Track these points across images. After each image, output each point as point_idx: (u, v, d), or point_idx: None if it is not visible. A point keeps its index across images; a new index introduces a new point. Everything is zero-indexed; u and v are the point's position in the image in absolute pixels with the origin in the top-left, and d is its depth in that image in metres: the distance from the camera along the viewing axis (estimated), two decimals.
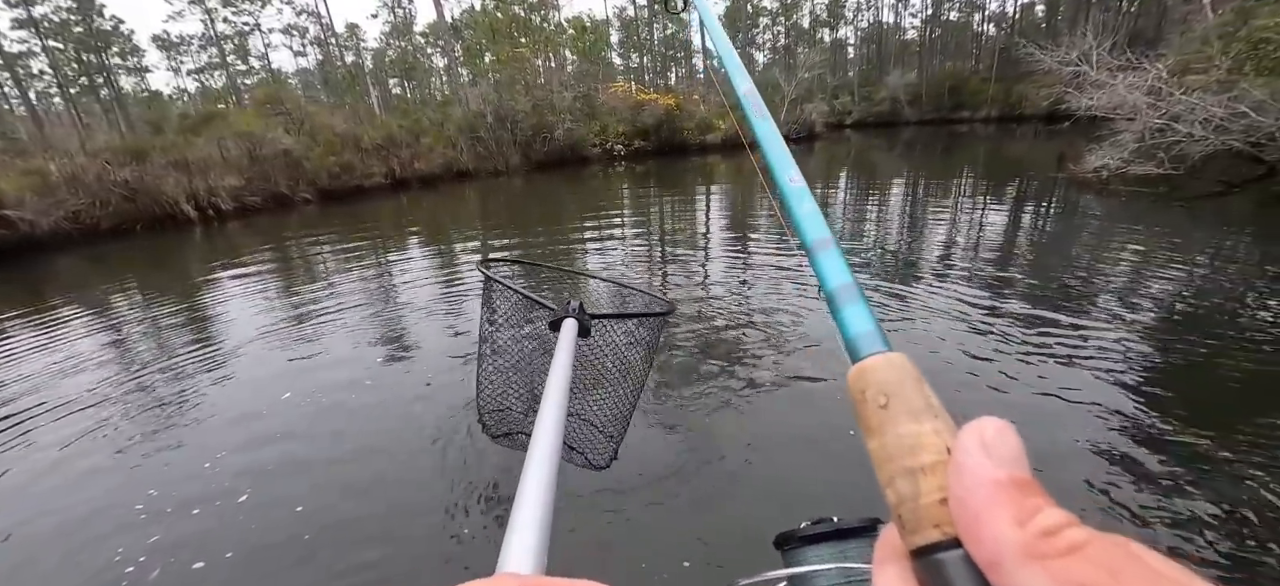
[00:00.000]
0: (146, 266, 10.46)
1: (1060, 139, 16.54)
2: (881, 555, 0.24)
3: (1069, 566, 0.17)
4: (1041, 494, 0.20)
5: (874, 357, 0.27)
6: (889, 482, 0.23)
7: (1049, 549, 0.18)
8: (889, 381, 0.25)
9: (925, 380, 0.26)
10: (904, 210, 10.28)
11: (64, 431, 4.00)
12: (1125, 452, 2.93)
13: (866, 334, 0.29)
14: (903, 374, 0.26)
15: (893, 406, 0.25)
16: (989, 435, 0.21)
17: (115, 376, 4.95)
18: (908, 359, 0.27)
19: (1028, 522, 0.19)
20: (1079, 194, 10.07)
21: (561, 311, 0.80)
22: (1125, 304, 4.86)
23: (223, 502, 3.05)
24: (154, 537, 2.82)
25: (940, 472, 0.22)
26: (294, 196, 17.30)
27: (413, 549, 2.62)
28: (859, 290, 0.31)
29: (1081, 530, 0.18)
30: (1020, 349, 4.13)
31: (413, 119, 22.86)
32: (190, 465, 3.46)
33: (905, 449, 0.23)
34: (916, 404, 0.24)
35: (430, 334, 5.30)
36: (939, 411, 0.24)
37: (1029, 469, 0.21)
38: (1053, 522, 0.18)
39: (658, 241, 8.89)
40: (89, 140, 19.47)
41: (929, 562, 0.21)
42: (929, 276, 6.02)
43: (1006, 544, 0.18)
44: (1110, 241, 6.90)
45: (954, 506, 0.21)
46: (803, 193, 0.38)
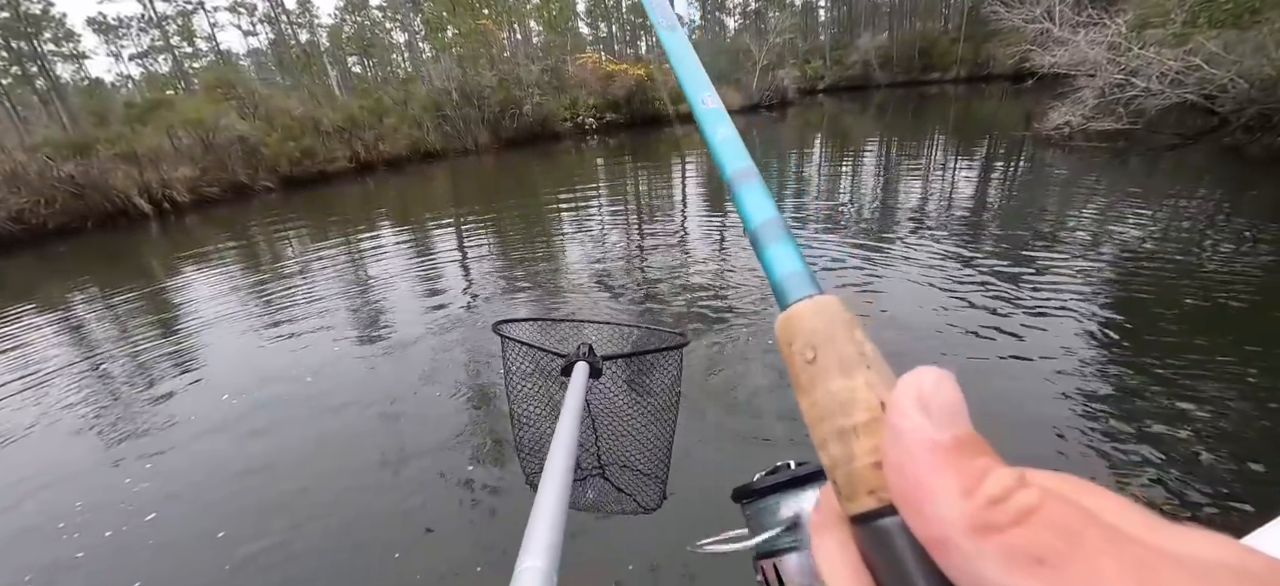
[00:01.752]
0: (100, 264, 9.99)
1: (1027, 97, 16.81)
2: (820, 520, 0.22)
3: (1023, 537, 0.15)
4: (987, 451, 0.18)
5: (801, 303, 0.23)
6: (822, 444, 0.21)
7: (1000, 518, 0.16)
8: (817, 330, 0.22)
9: (859, 324, 0.23)
10: (878, 172, 10.38)
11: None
12: (1090, 389, 3.06)
13: (794, 275, 0.25)
14: (832, 320, 0.22)
15: (821, 358, 0.22)
16: (926, 388, 0.18)
17: (64, 384, 4.76)
18: (840, 301, 0.23)
19: (975, 491, 0.16)
20: (1044, 151, 10.28)
21: (572, 356, 0.81)
22: (1088, 254, 5.02)
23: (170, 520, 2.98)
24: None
25: (875, 431, 0.19)
26: (254, 185, 16.65)
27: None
28: (784, 226, 0.27)
29: (1033, 491, 0.16)
30: (990, 298, 4.25)
31: (374, 99, 22.02)
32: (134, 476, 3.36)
33: (836, 406, 0.21)
34: (847, 354, 0.21)
35: (408, 325, 5.21)
36: (873, 360, 0.21)
37: (969, 422, 0.18)
38: (1001, 487, 0.16)
39: (634, 217, 8.82)
40: (27, 135, 18.33)
41: (869, 530, 0.19)
42: (902, 234, 6.11)
43: (952, 519, 0.16)
44: (1074, 196, 7.08)
45: (890, 474, 0.18)
46: (719, 115, 0.33)
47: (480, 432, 3.40)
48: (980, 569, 0.16)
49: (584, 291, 5.49)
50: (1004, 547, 0.15)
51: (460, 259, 7.42)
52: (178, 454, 3.56)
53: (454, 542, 2.60)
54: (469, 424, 3.49)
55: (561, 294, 5.53)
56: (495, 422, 3.48)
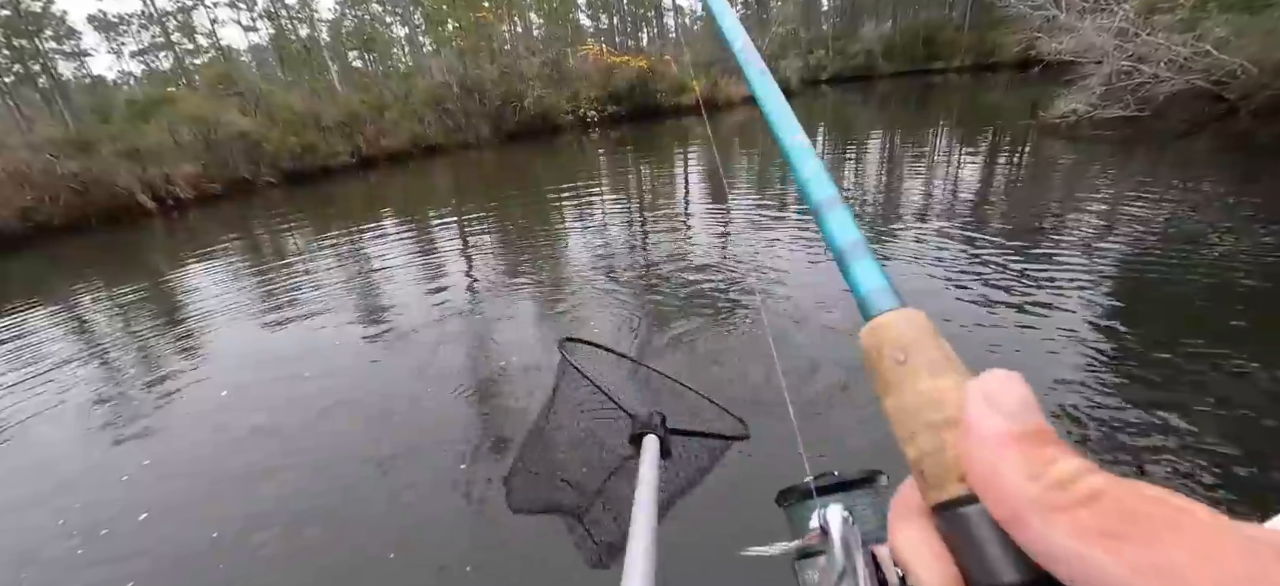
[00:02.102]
0: (105, 261, 10.03)
1: (1033, 86, 16.64)
2: (899, 512, 0.24)
3: (1089, 516, 0.17)
4: (1055, 442, 0.19)
5: (889, 314, 0.26)
6: (910, 438, 0.23)
7: (1066, 500, 0.17)
8: (906, 336, 0.25)
9: (941, 334, 0.25)
10: (881, 163, 10.31)
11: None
12: (1096, 380, 3.03)
13: (879, 290, 0.28)
14: (919, 329, 0.25)
15: (911, 361, 0.24)
16: (993, 388, 0.21)
17: (62, 378, 4.78)
18: (923, 314, 0.26)
19: (1042, 475, 0.18)
20: (1049, 140, 10.18)
21: (644, 424, 0.72)
22: (1094, 243, 4.97)
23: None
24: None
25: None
26: (256, 181, 16.66)
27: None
28: (867, 246, 0.30)
29: (1099, 477, 0.18)
30: (994, 288, 4.22)
31: (375, 94, 21.97)
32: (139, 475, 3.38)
33: (926, 403, 0.23)
34: (935, 357, 0.24)
35: (411, 319, 5.21)
36: (958, 365, 0.24)
37: (1041, 416, 0.20)
38: (1068, 472, 0.18)
39: (637, 208, 8.79)
40: (31, 133, 18.37)
41: (953, 516, 0.21)
42: (906, 224, 6.08)
43: (1023, 499, 0.18)
44: (1080, 184, 7.02)
45: (967, 465, 0.20)
46: (807, 151, 0.36)
47: (478, 429, 3.40)
48: (1051, 542, 0.17)
49: (587, 283, 5.47)
50: (1072, 524, 0.17)
51: (462, 252, 7.41)
52: (174, 449, 3.58)
53: (448, 540, 2.60)
54: (468, 421, 3.49)
55: (564, 287, 5.52)
56: (493, 420, 3.48)
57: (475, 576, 2.37)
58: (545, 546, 2.34)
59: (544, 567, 2.31)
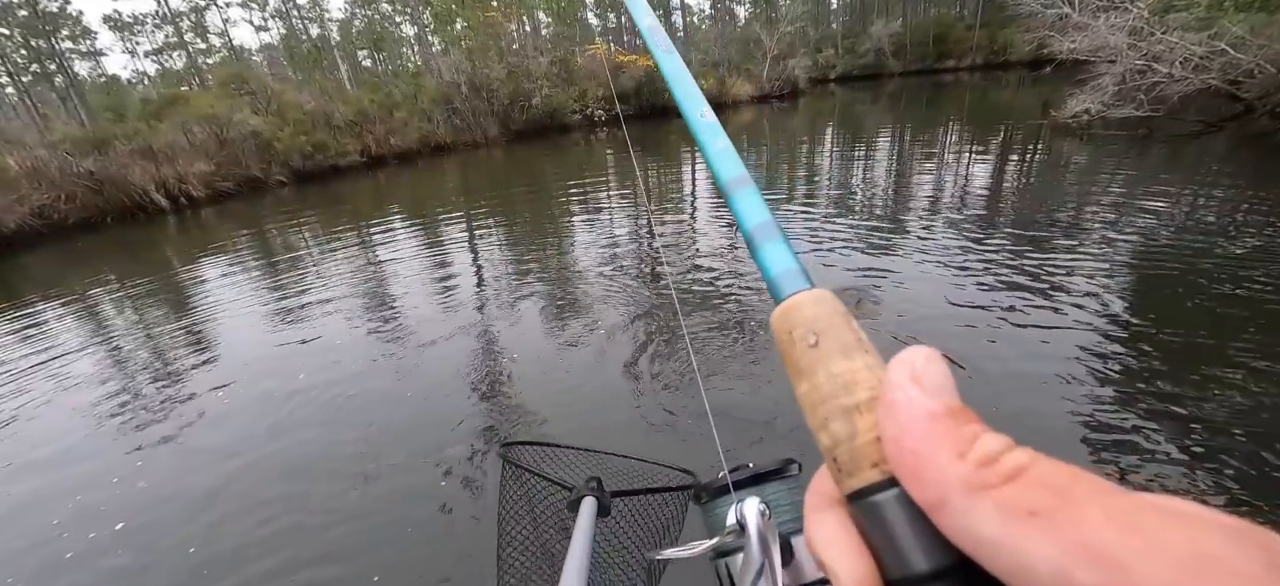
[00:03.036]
0: (120, 258, 10.17)
1: (1045, 85, 16.47)
2: (813, 502, 0.23)
3: (1016, 492, 0.16)
4: (976, 420, 0.19)
5: (800, 295, 0.25)
6: (822, 425, 0.22)
7: (992, 478, 0.17)
8: (818, 318, 0.24)
9: (853, 315, 0.25)
10: (890, 163, 10.24)
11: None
12: (1108, 383, 3.00)
13: (789, 272, 0.27)
14: (831, 310, 0.24)
15: (823, 344, 0.23)
16: (917, 366, 0.20)
17: (72, 373, 4.86)
18: (834, 294, 0.25)
19: (968, 453, 0.18)
20: (1061, 139, 10.07)
21: (580, 490, 0.77)
22: (1106, 244, 4.92)
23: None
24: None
25: (876, 409, 0.21)
26: (267, 179, 16.83)
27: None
28: (779, 227, 0.29)
29: (1022, 452, 0.17)
30: (1003, 290, 4.18)
31: (384, 93, 22.13)
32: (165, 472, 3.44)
33: (839, 387, 0.22)
34: (847, 340, 0.23)
35: (418, 319, 5.25)
36: (868, 347, 0.23)
37: (957, 394, 0.20)
38: (992, 449, 0.18)
39: (643, 206, 8.80)
40: (47, 131, 18.67)
41: (868, 505, 0.20)
42: (914, 224, 6.03)
43: (949, 480, 0.17)
44: (1092, 185, 6.94)
45: (889, 446, 0.19)
46: (714, 129, 0.36)
47: (481, 428, 3.42)
48: (976, 524, 0.16)
49: (592, 284, 5.49)
50: (1000, 503, 0.16)
51: (470, 250, 7.46)
52: (174, 448, 3.63)
53: (441, 552, 2.63)
54: (472, 419, 3.52)
55: (570, 287, 5.54)
56: (495, 417, 3.51)
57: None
58: None
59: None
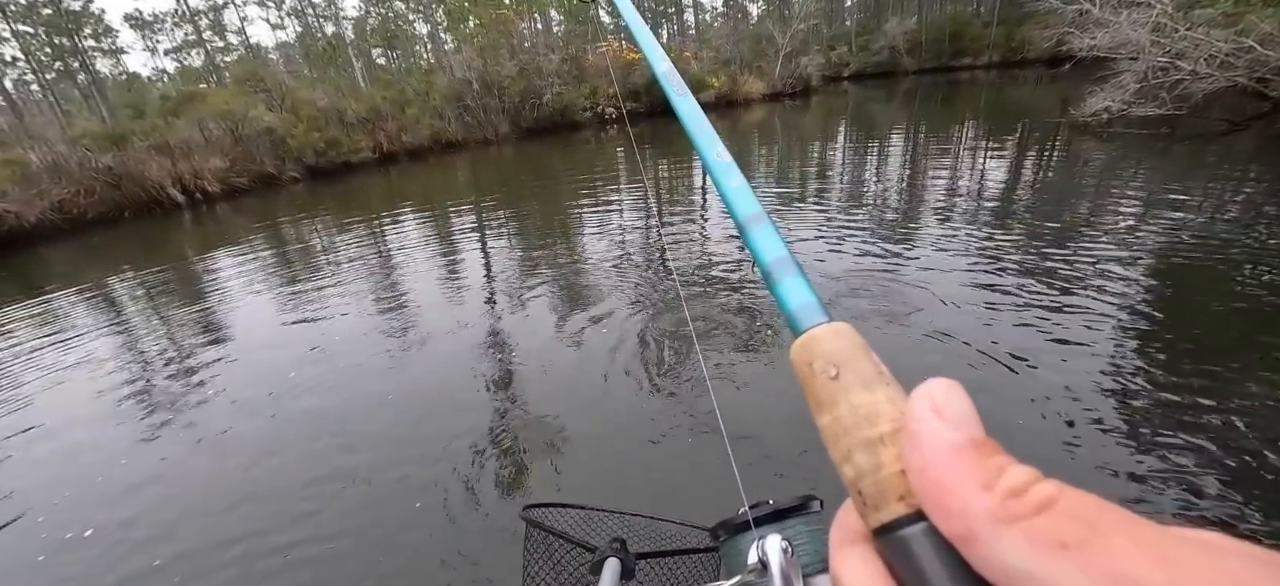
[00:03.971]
0: (135, 253, 10.33)
1: (1063, 83, 16.16)
2: (839, 538, 0.23)
3: (1046, 524, 0.16)
4: (1001, 451, 0.19)
5: (819, 328, 0.26)
6: (846, 457, 0.22)
7: (1021, 509, 0.17)
8: (838, 350, 0.24)
9: (872, 348, 0.25)
10: (903, 161, 10.09)
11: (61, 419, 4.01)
12: (1126, 391, 2.90)
13: (807, 305, 0.27)
14: (851, 343, 0.24)
15: (844, 376, 0.23)
16: (939, 398, 0.20)
17: (91, 364, 4.93)
18: (852, 327, 0.25)
19: (994, 485, 0.17)
20: (1080, 139, 9.85)
21: (603, 552, 0.75)
22: (1125, 246, 4.78)
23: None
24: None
25: (900, 441, 0.21)
26: (281, 176, 17.03)
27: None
28: (795, 262, 0.30)
29: (1050, 484, 0.17)
30: (1019, 295, 4.08)
31: (397, 90, 22.28)
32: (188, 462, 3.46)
33: (861, 419, 0.22)
34: (868, 372, 0.23)
35: (428, 314, 5.26)
36: (890, 379, 0.23)
37: (981, 426, 0.19)
38: (1019, 481, 0.17)
39: (653, 205, 8.75)
40: (69, 127, 19.04)
41: (895, 540, 0.20)
42: (928, 226, 5.92)
43: (976, 512, 0.17)
44: (1111, 185, 6.77)
45: (914, 478, 0.19)
46: (730, 168, 0.36)
47: (490, 424, 3.40)
48: (1006, 557, 0.16)
49: (602, 282, 5.45)
50: (1029, 535, 0.16)
51: (479, 247, 7.46)
52: (190, 431, 3.66)
53: (455, 533, 2.61)
54: (479, 415, 3.50)
55: (579, 284, 5.51)
56: (502, 423, 3.49)
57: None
58: None
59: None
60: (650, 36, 0.51)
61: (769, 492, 0.53)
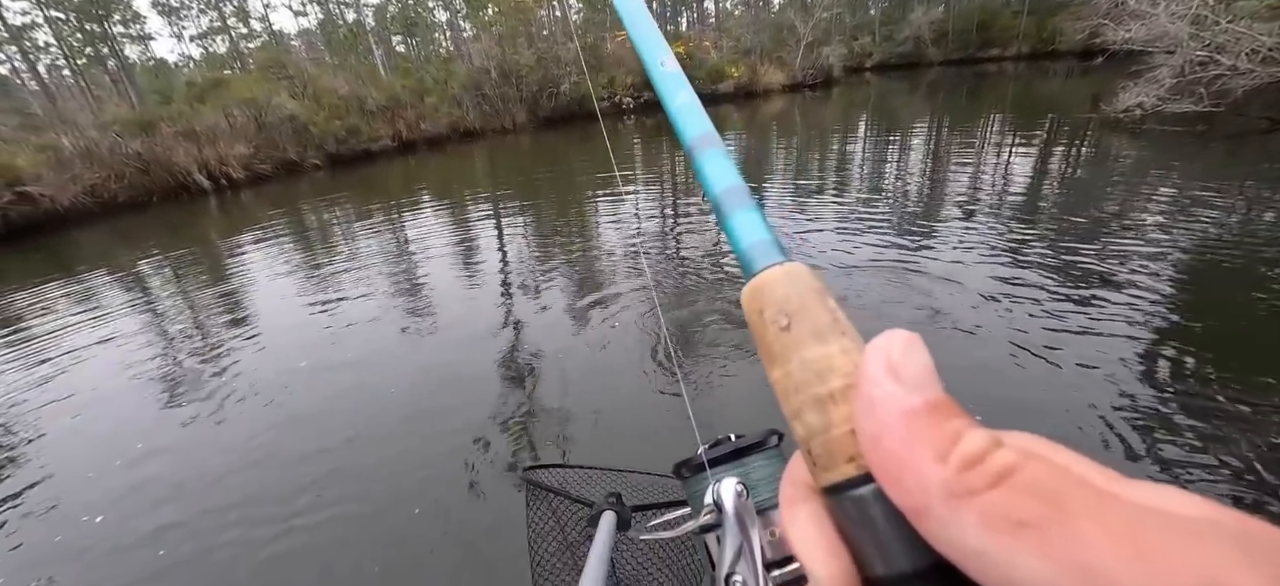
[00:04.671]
0: (166, 236, 10.59)
1: (1095, 77, 15.67)
2: (789, 494, 0.22)
3: (1002, 500, 0.15)
4: (960, 413, 0.17)
5: (771, 270, 0.23)
6: (796, 414, 0.20)
7: (977, 482, 0.15)
8: (789, 297, 0.22)
9: (830, 292, 0.22)
10: (925, 155, 9.89)
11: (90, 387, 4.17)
12: (1154, 397, 2.83)
13: (761, 243, 0.24)
14: (804, 287, 0.22)
15: (795, 326, 0.21)
16: (896, 355, 0.18)
17: (143, 344, 5.09)
18: (808, 269, 0.23)
19: (949, 454, 0.16)
20: (1111, 135, 9.56)
21: (599, 506, 0.77)
22: (1156, 247, 4.64)
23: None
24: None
25: (852, 399, 0.19)
26: (303, 163, 17.29)
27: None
28: (749, 194, 0.26)
29: (1010, 452, 0.16)
30: (1041, 294, 3.99)
31: (416, 78, 22.42)
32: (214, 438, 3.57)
33: (813, 375, 0.20)
34: (822, 321, 0.21)
35: (445, 300, 5.33)
36: (846, 328, 0.21)
37: (940, 385, 0.18)
38: (976, 448, 0.16)
39: (670, 194, 8.71)
40: (100, 113, 19.51)
41: (844, 500, 0.19)
42: (951, 222, 5.81)
43: (930, 486, 0.16)
44: (1143, 184, 6.56)
45: (865, 444, 0.18)
46: (678, 79, 0.31)
47: (502, 407, 3.44)
48: (960, 535, 0.15)
49: (616, 269, 5.46)
50: (983, 511, 0.15)
51: (495, 235, 7.52)
52: (215, 408, 3.77)
53: (467, 512, 2.65)
54: (492, 397, 3.54)
55: (593, 271, 5.52)
56: (518, 408, 3.52)
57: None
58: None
59: None
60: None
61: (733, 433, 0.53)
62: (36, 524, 3.02)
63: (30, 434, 3.94)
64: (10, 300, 7.31)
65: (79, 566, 2.71)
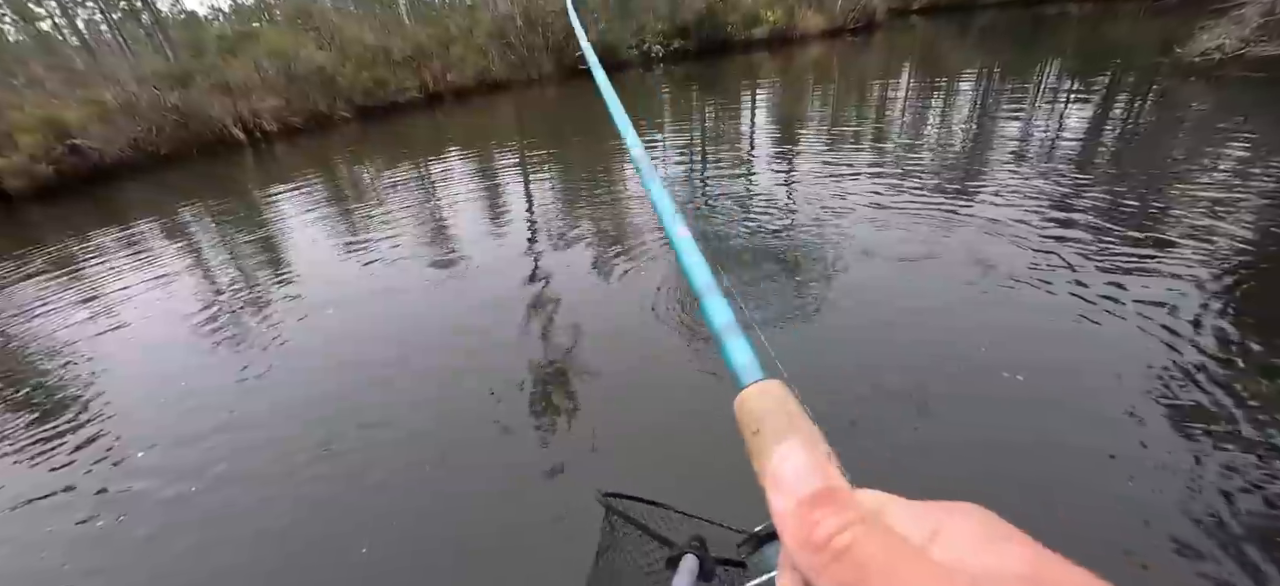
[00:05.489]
0: (205, 189, 10.88)
1: (1171, 18, 14.34)
2: (783, 560, 0.26)
3: (834, 573, 0.20)
4: (827, 501, 0.22)
5: (750, 387, 0.31)
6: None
7: (826, 559, 0.20)
8: (757, 410, 0.29)
9: (794, 400, 0.29)
10: (972, 108, 9.29)
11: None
12: (1210, 390, 2.65)
13: (745, 365, 0.33)
14: (769, 401, 0.29)
15: (763, 431, 0.28)
16: (774, 467, 0.24)
17: (191, 285, 5.31)
18: (780, 383, 0.30)
19: (810, 537, 0.21)
20: (1183, 83, 8.76)
21: (681, 547, 0.76)
22: (1220, 211, 4.28)
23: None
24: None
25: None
26: (333, 115, 17.37)
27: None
28: (739, 326, 0.36)
29: (847, 533, 0.20)
30: (1093, 260, 3.75)
31: (441, 27, 22.01)
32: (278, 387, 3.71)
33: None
34: (779, 426, 0.27)
35: (475, 255, 5.34)
36: (799, 428, 0.27)
37: (821, 477, 0.23)
38: (824, 534, 0.21)
39: (699, 150, 8.45)
40: (137, 67, 19.87)
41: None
42: (997, 180, 5.48)
43: (803, 566, 0.21)
44: (1213, 137, 6.02)
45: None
46: (689, 243, 0.43)
47: (526, 364, 3.46)
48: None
49: (638, 225, 5.36)
50: (827, 581, 0.20)
51: (522, 188, 7.46)
52: (257, 354, 3.91)
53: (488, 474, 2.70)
54: (517, 355, 3.56)
55: (623, 230, 5.44)
56: (541, 355, 3.53)
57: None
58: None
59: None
60: (617, 103, 0.60)
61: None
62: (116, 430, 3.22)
63: (91, 365, 4.18)
64: (66, 246, 7.67)
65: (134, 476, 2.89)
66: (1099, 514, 2.16)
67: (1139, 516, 2.13)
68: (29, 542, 2.77)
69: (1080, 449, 2.43)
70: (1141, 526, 2.09)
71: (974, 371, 2.96)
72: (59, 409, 3.83)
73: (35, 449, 3.43)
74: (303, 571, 2.43)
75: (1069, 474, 2.34)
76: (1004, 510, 0.21)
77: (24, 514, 2.94)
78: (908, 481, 2.26)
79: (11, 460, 3.37)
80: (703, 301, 0.38)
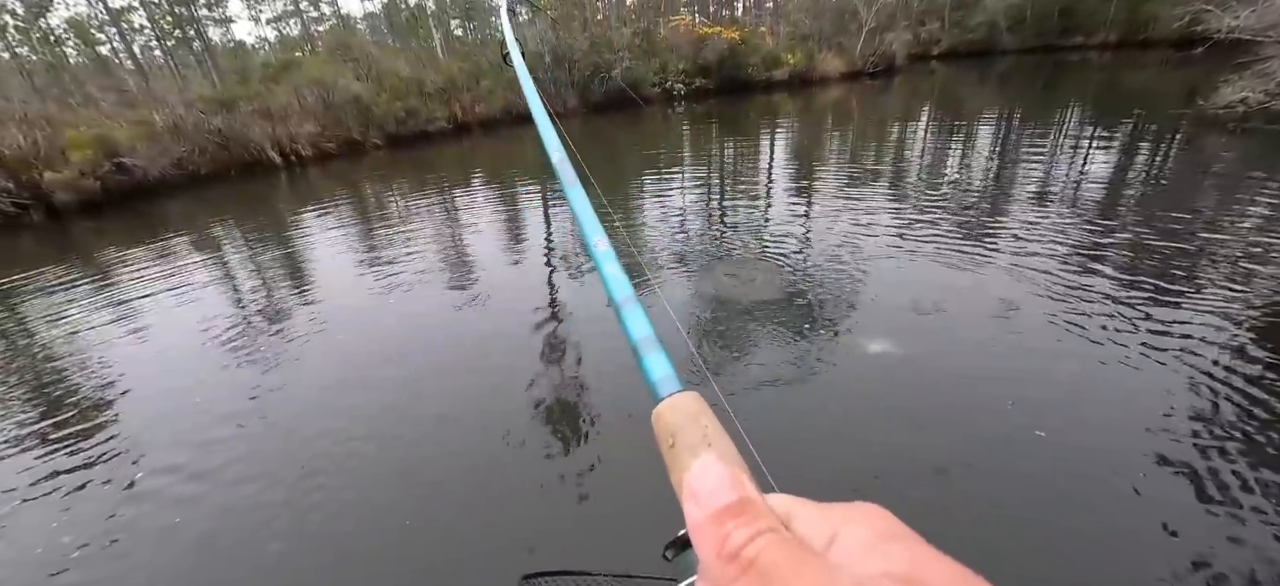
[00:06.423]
0: (241, 208, 11.34)
1: (1194, 69, 14.32)
2: (700, 570, 0.26)
3: (746, 583, 0.20)
4: (738, 513, 0.22)
5: (665, 401, 0.31)
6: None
7: (737, 570, 0.20)
8: (672, 423, 0.29)
9: (708, 413, 0.30)
10: (991, 151, 9.33)
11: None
12: (1231, 437, 2.60)
13: (663, 378, 0.33)
14: (684, 414, 0.30)
15: (677, 444, 0.28)
16: (691, 479, 0.25)
17: (222, 300, 5.52)
18: (695, 396, 0.31)
19: (722, 549, 0.21)
20: (1207, 134, 8.71)
21: None
22: (1244, 266, 4.23)
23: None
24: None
25: None
26: (365, 142, 18.04)
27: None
28: (657, 340, 0.36)
29: (754, 544, 0.21)
30: (1112, 310, 3.72)
31: (473, 62, 22.92)
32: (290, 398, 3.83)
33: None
34: (694, 439, 0.28)
35: (495, 279, 5.48)
36: (713, 442, 0.28)
37: (735, 490, 0.24)
38: (735, 545, 0.21)
39: (717, 191, 8.60)
40: (185, 91, 20.98)
41: None
42: (1015, 228, 5.48)
43: (714, 576, 0.21)
44: (1238, 190, 5.97)
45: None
46: (608, 255, 0.45)
47: (538, 388, 3.52)
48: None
49: (660, 263, 5.46)
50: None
51: (542, 218, 7.64)
52: (278, 367, 4.03)
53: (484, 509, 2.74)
54: (532, 376, 3.63)
55: (637, 265, 5.54)
56: (557, 388, 3.59)
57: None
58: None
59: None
60: (542, 111, 0.60)
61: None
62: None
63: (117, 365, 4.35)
64: (108, 256, 8.04)
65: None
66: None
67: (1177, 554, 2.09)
68: (27, 544, 2.85)
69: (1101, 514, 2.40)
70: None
71: (999, 426, 2.94)
72: (82, 416, 3.97)
73: (49, 447, 3.57)
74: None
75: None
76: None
77: (23, 511, 3.05)
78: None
79: (34, 454, 3.51)
80: (620, 313, 0.38)
